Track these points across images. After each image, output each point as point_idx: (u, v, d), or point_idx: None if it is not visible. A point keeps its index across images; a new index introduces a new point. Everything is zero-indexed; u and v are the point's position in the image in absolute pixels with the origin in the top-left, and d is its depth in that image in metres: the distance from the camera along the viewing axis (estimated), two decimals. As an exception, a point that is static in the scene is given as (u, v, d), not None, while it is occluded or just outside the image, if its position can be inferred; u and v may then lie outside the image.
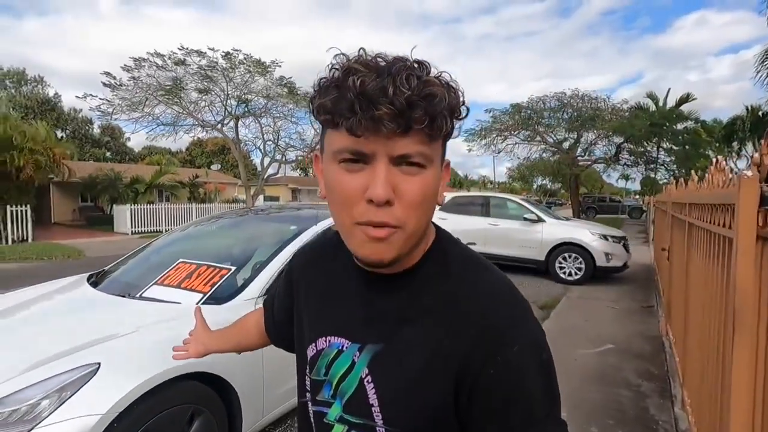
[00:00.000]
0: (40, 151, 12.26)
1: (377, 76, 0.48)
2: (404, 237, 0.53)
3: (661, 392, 3.18)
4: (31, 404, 1.52)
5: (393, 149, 0.50)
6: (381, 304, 0.61)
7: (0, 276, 7.72)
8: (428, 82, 0.49)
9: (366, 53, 0.52)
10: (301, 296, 0.72)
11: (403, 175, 0.51)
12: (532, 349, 0.54)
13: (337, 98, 0.49)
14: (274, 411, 2.35)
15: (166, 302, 2.26)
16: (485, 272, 0.61)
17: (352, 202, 0.52)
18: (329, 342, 0.64)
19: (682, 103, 16.96)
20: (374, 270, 0.59)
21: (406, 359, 0.56)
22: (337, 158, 0.52)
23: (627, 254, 7.34)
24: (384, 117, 0.47)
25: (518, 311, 0.57)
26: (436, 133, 0.51)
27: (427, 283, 0.59)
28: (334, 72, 0.51)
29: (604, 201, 31.82)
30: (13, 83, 33.58)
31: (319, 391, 0.64)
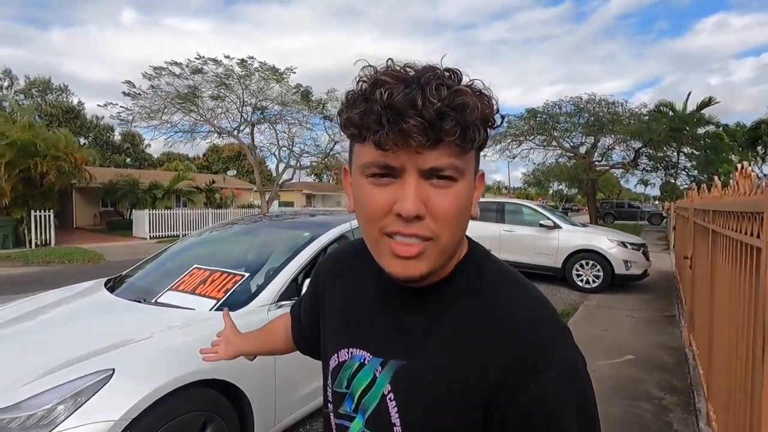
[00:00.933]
0: (62, 157, 12.62)
1: (405, 87, 0.46)
2: (437, 251, 0.51)
3: (685, 406, 3.06)
4: (47, 409, 1.54)
5: (423, 162, 0.48)
6: (407, 317, 0.58)
7: (23, 279, 7.93)
8: (459, 92, 0.47)
9: (394, 63, 0.50)
10: (326, 305, 0.71)
11: (435, 189, 0.49)
12: (571, 377, 0.50)
13: (365, 112, 0.48)
14: (286, 419, 2.34)
15: (180, 308, 2.27)
16: (521, 291, 0.57)
17: (381, 217, 0.50)
18: (351, 354, 0.62)
19: (704, 107, 16.57)
20: (404, 284, 0.56)
21: (431, 379, 0.53)
22: (365, 173, 0.51)
23: (647, 262, 7.15)
24: (412, 130, 0.45)
25: (556, 334, 0.53)
26: (468, 144, 0.49)
27: (458, 299, 0.56)
28: (362, 85, 0.49)
29: (623, 207, 31.20)
30: (39, 92, 34.73)
31: (341, 404, 0.62)
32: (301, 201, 33.19)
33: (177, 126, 16.68)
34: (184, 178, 19.06)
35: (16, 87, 34.16)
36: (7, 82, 33.67)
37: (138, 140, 36.49)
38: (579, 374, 0.51)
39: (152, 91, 15.65)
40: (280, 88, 16.49)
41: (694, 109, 17.05)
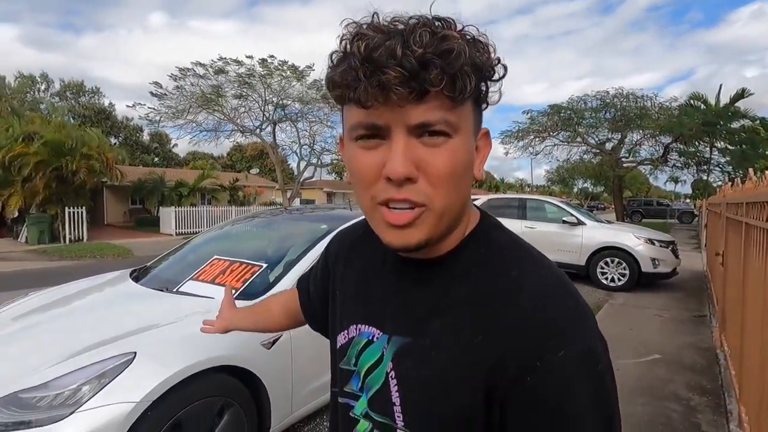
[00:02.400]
0: (94, 156, 13.11)
1: (387, 38, 0.43)
2: (433, 217, 0.47)
3: (715, 407, 2.94)
4: (73, 389, 1.60)
5: (410, 118, 0.44)
6: (413, 293, 0.55)
7: (59, 272, 8.29)
8: (445, 37, 0.43)
9: (379, 17, 0.46)
10: (336, 281, 0.68)
11: (426, 147, 0.45)
12: (584, 358, 0.44)
13: (345, 69, 0.44)
14: (302, 408, 2.36)
15: (200, 297, 2.32)
16: (534, 264, 0.52)
17: (371, 182, 0.47)
18: (359, 330, 0.59)
19: (738, 100, 15.77)
20: (408, 255, 0.53)
21: (432, 357, 0.49)
22: (352, 136, 0.47)
23: (676, 260, 6.89)
24: (392, 81, 0.41)
25: (569, 311, 0.47)
26: (458, 94, 0.43)
27: (465, 272, 0.52)
28: (343, 42, 0.45)
29: (651, 204, 30.16)
30: (73, 94, 36.19)
31: (347, 382, 0.59)
32: (322, 199, 33.49)
33: (202, 125, 17.11)
34: (209, 176, 19.51)
35: (52, 90, 35.73)
36: (44, 85, 35.23)
37: (165, 140, 37.59)
38: (595, 357, 0.45)
39: (178, 92, 16.09)
40: (300, 87, 16.68)
41: (728, 102, 16.30)
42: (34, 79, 34.41)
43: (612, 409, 0.46)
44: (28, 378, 1.65)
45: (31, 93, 33.06)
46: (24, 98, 28.83)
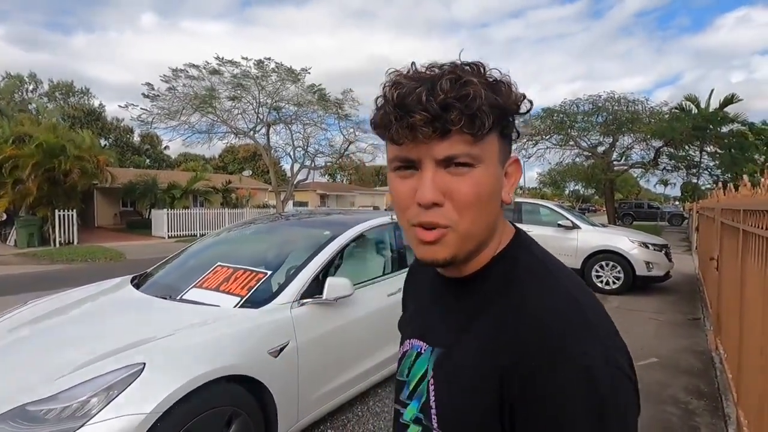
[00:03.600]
0: (85, 158, 12.95)
1: (417, 86, 0.50)
2: (457, 238, 0.53)
3: (713, 411, 2.98)
4: (81, 401, 1.58)
5: (436, 152, 0.51)
6: (451, 308, 0.62)
7: (50, 276, 8.16)
8: (466, 83, 0.50)
9: (415, 66, 0.54)
10: (406, 306, 0.79)
11: (452, 177, 0.52)
12: (582, 377, 0.46)
13: (383, 114, 0.53)
14: (309, 416, 2.36)
15: (206, 305, 2.31)
16: (550, 283, 0.56)
17: (406, 206, 0.54)
18: (411, 344, 0.66)
19: (727, 104, 16.06)
20: (448, 275, 0.61)
21: (461, 365, 0.56)
22: (391, 167, 0.56)
23: (669, 263, 6.98)
24: (418, 123, 0.49)
25: (577, 327, 0.49)
26: (477, 131, 0.50)
27: (492, 290, 0.57)
28: (384, 89, 0.54)
29: (642, 207, 30.53)
30: (62, 95, 35.72)
31: (400, 392, 0.66)
32: (315, 201, 33.40)
33: (195, 127, 16.98)
34: (201, 178, 19.35)
35: (41, 90, 35.22)
36: (32, 85, 34.71)
37: (156, 141, 37.21)
38: (595, 377, 0.46)
39: (170, 93, 15.96)
40: (295, 89, 16.64)
41: (717, 107, 16.60)
42: (22, 79, 33.90)
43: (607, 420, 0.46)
44: (35, 390, 1.63)
45: (19, 93, 32.57)
46: (12, 98, 28.40)
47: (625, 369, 0.49)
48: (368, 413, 2.85)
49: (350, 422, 2.73)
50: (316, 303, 2.41)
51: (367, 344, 2.79)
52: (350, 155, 19.07)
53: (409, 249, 3.51)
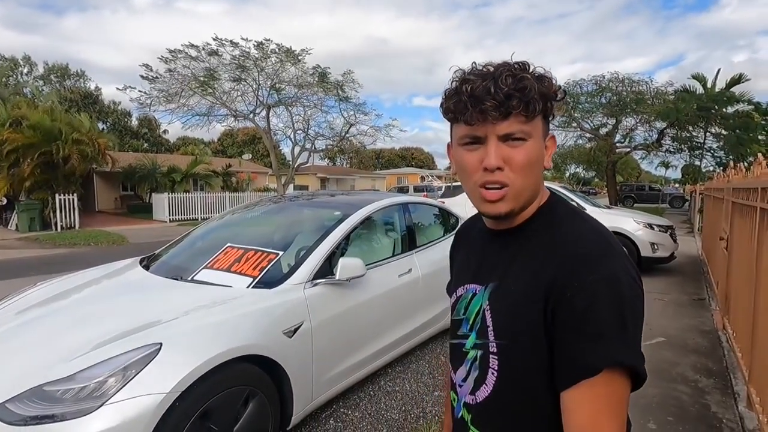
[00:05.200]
0: (85, 142, 12.82)
1: (483, 80, 0.66)
2: (514, 193, 0.69)
3: (723, 389, 3.00)
4: (99, 381, 1.57)
5: (499, 130, 0.67)
6: (501, 252, 0.76)
7: (55, 260, 8.16)
8: (522, 78, 0.66)
9: (477, 64, 0.70)
10: (455, 264, 0.93)
11: (510, 148, 0.68)
12: (608, 281, 0.62)
13: (456, 102, 0.68)
14: (323, 395, 2.36)
15: (218, 285, 2.29)
16: (583, 222, 0.72)
17: (473, 171, 0.70)
18: (466, 288, 0.81)
19: (734, 84, 15.77)
20: (497, 228, 0.77)
21: (511, 289, 0.71)
22: (461, 143, 0.71)
23: (674, 244, 6.96)
24: (489, 109, 0.65)
25: (602, 250, 0.66)
26: (531, 114, 0.66)
27: (536, 231, 0.73)
28: (454, 83, 0.70)
29: (643, 189, 30.38)
30: (57, 78, 35.21)
31: (459, 328, 0.80)
32: (315, 184, 33.27)
33: (194, 109, 16.76)
34: (201, 162, 19.22)
35: (35, 73, 34.69)
36: (26, 68, 34.19)
37: (155, 125, 36.86)
38: (617, 280, 0.63)
39: (169, 75, 15.70)
40: (295, 71, 16.37)
41: (723, 87, 16.34)
42: (17, 62, 33.36)
43: (625, 316, 0.62)
44: (52, 370, 1.61)
45: (13, 76, 32.08)
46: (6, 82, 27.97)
47: (637, 280, 0.66)
48: (380, 392, 2.87)
49: (363, 401, 2.74)
50: (329, 283, 2.39)
51: (379, 324, 2.78)
52: (351, 138, 18.90)
53: (418, 229, 3.48)
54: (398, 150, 58.29)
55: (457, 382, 0.80)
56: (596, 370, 0.60)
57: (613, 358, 0.60)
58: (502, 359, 0.71)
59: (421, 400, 2.79)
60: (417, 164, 53.46)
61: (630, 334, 0.62)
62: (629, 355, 0.61)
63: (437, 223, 3.93)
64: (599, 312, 0.61)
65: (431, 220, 3.90)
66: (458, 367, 0.80)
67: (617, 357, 0.60)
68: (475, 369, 0.75)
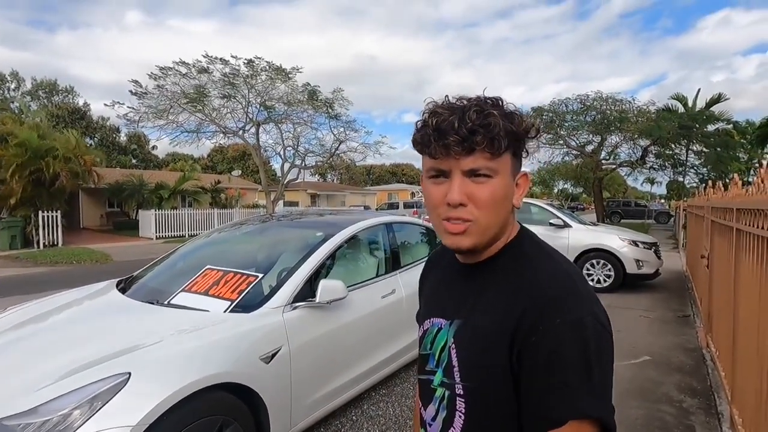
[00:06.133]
0: (72, 159, 12.66)
1: (451, 114, 0.66)
2: (478, 229, 0.68)
3: (707, 409, 2.99)
4: (63, 414, 1.51)
5: (464, 165, 0.66)
6: (467, 287, 0.76)
7: (33, 279, 7.95)
8: (488, 114, 0.65)
9: (449, 98, 0.70)
10: (423, 295, 0.92)
11: (474, 184, 0.67)
12: (573, 326, 0.62)
13: (423, 134, 0.68)
14: (302, 422, 2.30)
15: (195, 309, 2.24)
16: (550, 261, 0.72)
17: (437, 205, 0.70)
18: (432, 322, 0.80)
19: (713, 104, 16.32)
20: (465, 262, 0.76)
21: (477, 328, 0.70)
22: (427, 175, 0.71)
23: (659, 260, 7.05)
24: (452, 144, 0.65)
25: (568, 293, 0.65)
26: (496, 151, 0.66)
27: (501, 270, 0.72)
28: (424, 115, 0.70)
29: (629, 205, 30.87)
30: (46, 93, 34.98)
31: (426, 363, 0.79)
32: (306, 201, 33.20)
33: (183, 126, 16.71)
34: (190, 178, 19.08)
35: (23, 89, 34.43)
36: (14, 83, 33.94)
37: (144, 141, 36.64)
38: (582, 325, 0.62)
39: (158, 91, 15.69)
40: (286, 88, 16.48)
41: (703, 107, 16.85)
42: (4, 77, 33.13)
43: (596, 365, 0.61)
44: (13, 402, 1.55)
45: (0, 92, 31.82)
46: (-7, 97, 27.71)
47: (605, 325, 0.65)
48: (363, 417, 2.80)
49: (344, 427, 2.68)
50: (309, 306, 2.36)
51: (362, 347, 2.74)
52: (341, 155, 18.97)
53: (402, 249, 3.47)
54: (389, 166, 58.65)
55: (427, 420, 0.79)
56: (561, 422, 0.59)
57: (578, 410, 0.59)
58: (469, 402, 0.69)
59: (405, 425, 2.73)
60: (407, 180, 53.75)
61: (597, 382, 0.61)
62: (595, 406, 0.60)
63: (422, 242, 3.93)
64: (564, 359, 0.60)
65: (416, 239, 3.90)
66: (427, 404, 0.79)
67: (583, 409, 0.59)
68: (443, 409, 0.74)
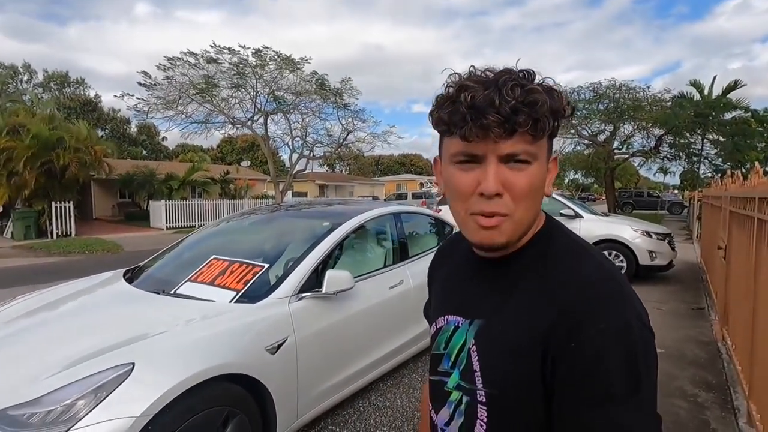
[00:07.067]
0: (83, 150, 12.78)
1: (485, 89, 0.56)
2: (513, 224, 0.60)
3: (722, 404, 2.92)
4: (67, 404, 1.50)
5: (501, 150, 0.57)
6: (489, 284, 0.68)
7: (46, 269, 8.08)
8: (531, 90, 0.56)
9: (476, 69, 0.60)
10: (433, 288, 0.84)
11: (511, 171, 0.58)
12: (617, 333, 0.54)
13: (452, 111, 0.57)
14: (308, 413, 2.28)
15: (200, 299, 2.22)
16: (584, 258, 0.63)
17: (467, 196, 0.60)
18: (447, 320, 0.73)
19: (730, 91, 15.82)
20: (485, 256, 0.67)
21: (503, 331, 0.62)
22: (453, 160, 0.61)
23: (672, 252, 6.90)
24: (492, 125, 0.55)
25: (612, 294, 0.58)
26: (539, 133, 0.57)
27: (529, 266, 0.64)
28: (449, 89, 0.59)
29: (642, 196, 30.37)
30: (57, 85, 35.29)
31: (439, 364, 0.72)
32: (314, 191, 33.25)
33: (192, 116, 16.75)
34: (199, 169, 19.17)
35: (35, 81, 34.77)
36: (26, 75, 34.28)
37: (154, 132, 36.90)
38: (629, 330, 0.55)
39: (167, 82, 15.71)
40: (294, 78, 16.39)
41: (720, 94, 16.37)
42: (16, 69, 33.45)
43: (640, 374, 0.53)
44: (18, 392, 1.54)
45: (12, 84, 32.17)
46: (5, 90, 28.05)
47: (650, 328, 0.58)
48: (370, 408, 2.79)
49: (351, 418, 2.66)
50: (315, 297, 2.32)
51: (369, 338, 2.71)
52: (349, 145, 18.88)
53: (411, 239, 3.41)
54: (397, 156, 58.39)
55: (440, 425, 0.72)
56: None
57: (622, 425, 0.52)
58: (492, 411, 0.63)
59: (412, 416, 2.70)
60: (416, 171, 53.50)
61: (644, 395, 0.53)
62: (644, 422, 0.53)
63: (430, 232, 3.87)
64: (609, 369, 0.53)
65: (424, 230, 3.84)
66: (440, 408, 0.71)
67: (628, 425, 0.52)
68: (460, 414, 0.67)
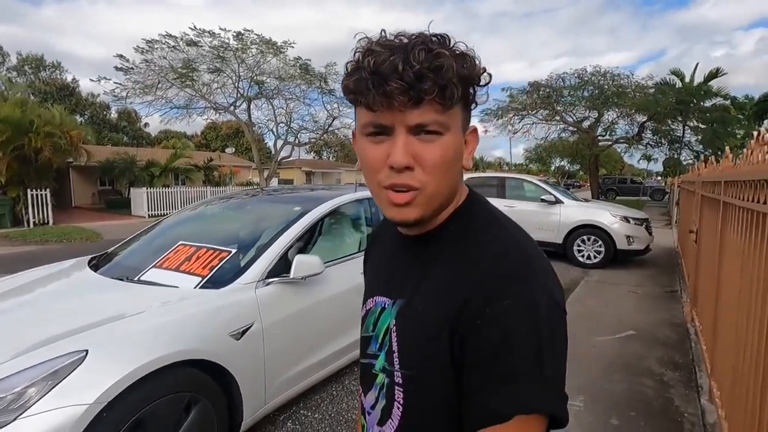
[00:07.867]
0: (57, 134, 12.39)
1: (391, 54, 0.52)
2: (425, 198, 0.58)
3: (686, 382, 3.01)
4: (17, 392, 1.46)
5: (409, 120, 0.54)
6: (412, 263, 0.66)
7: (22, 258, 7.88)
8: (438, 55, 0.52)
9: (387, 34, 0.56)
10: (366, 270, 0.84)
11: (422, 143, 0.55)
12: (525, 309, 0.53)
13: (357, 79, 0.54)
14: (277, 398, 2.28)
15: (164, 286, 2.18)
16: (502, 232, 0.62)
17: (377, 169, 0.58)
18: (375, 301, 0.71)
19: (711, 79, 16.04)
20: (408, 233, 0.66)
21: (419, 309, 0.61)
22: (363, 132, 0.58)
23: (649, 237, 7.04)
24: (394, 92, 0.52)
25: (521, 270, 0.56)
26: (448, 101, 0.54)
27: (449, 242, 0.63)
28: (357, 54, 0.56)
29: (625, 182, 30.88)
30: (32, 69, 34.03)
31: (368, 346, 0.70)
32: (300, 178, 32.95)
33: (172, 102, 16.36)
34: (182, 155, 18.79)
35: (8, 64, 33.47)
36: (-2, 58, 32.95)
37: (135, 118, 35.98)
38: (535, 306, 0.53)
39: (146, 66, 15.27)
40: (277, 62, 16.07)
41: (701, 81, 16.57)
42: (-12, 52, 32.15)
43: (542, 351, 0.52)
44: (-35, 381, 1.49)
45: (-16, 67, 30.95)
46: (-23, 73, 26.97)
47: (560, 303, 0.57)
48: (343, 392, 2.80)
49: (324, 402, 2.67)
50: (283, 282, 2.30)
51: (340, 323, 2.70)
52: (335, 131, 18.70)
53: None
54: (385, 143, 58.03)
55: (366, 408, 0.71)
56: (507, 416, 0.51)
57: (527, 404, 0.51)
58: (407, 392, 0.62)
59: (385, 400, 2.73)
60: (404, 158, 53.26)
61: (549, 372, 0.53)
62: (547, 399, 0.52)
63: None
64: (513, 346, 0.52)
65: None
66: (368, 390, 0.70)
67: (532, 403, 0.51)
68: (383, 397, 0.66)
